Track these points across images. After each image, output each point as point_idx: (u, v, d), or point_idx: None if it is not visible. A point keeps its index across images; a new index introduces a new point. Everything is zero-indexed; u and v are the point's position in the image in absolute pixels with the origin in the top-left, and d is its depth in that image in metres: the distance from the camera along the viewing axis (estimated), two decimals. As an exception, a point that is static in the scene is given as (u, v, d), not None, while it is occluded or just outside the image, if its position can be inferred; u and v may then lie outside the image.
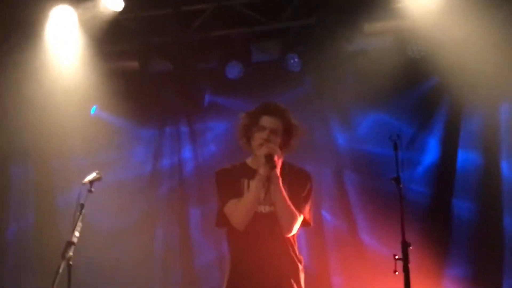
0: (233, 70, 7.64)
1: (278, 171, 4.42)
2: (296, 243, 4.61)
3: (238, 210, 4.46)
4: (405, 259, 4.53)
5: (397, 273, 4.56)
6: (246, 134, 4.65)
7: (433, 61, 7.04)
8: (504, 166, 7.27)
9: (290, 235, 4.50)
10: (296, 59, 7.48)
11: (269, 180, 4.46)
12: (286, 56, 7.53)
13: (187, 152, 8.25)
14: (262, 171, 4.42)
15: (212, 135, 8.21)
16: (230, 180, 4.55)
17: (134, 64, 7.82)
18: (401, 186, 4.77)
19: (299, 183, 4.61)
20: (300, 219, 4.52)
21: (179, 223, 8.09)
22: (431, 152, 7.50)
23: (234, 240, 4.57)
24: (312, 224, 4.68)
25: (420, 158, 7.46)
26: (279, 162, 4.43)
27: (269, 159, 4.39)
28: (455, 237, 7.29)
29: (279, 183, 4.43)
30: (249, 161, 4.70)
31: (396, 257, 4.56)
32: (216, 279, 7.60)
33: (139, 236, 8.02)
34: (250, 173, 4.54)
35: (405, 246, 4.57)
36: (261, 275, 4.43)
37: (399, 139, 4.92)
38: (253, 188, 4.44)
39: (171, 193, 8.19)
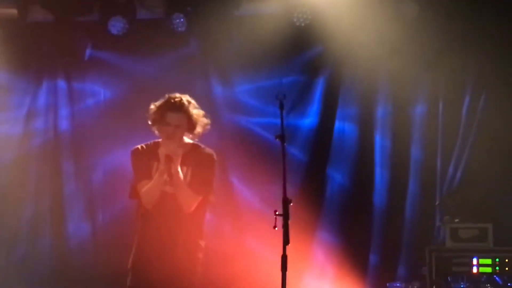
0: (116, 25, 7.49)
1: (178, 165, 4.81)
2: (202, 221, 5.00)
3: (146, 192, 4.87)
4: (286, 215, 4.57)
5: (276, 228, 4.61)
6: (155, 125, 4.96)
7: (318, 30, 7.15)
8: (377, 137, 7.51)
9: (189, 211, 4.87)
10: (182, 19, 7.42)
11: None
12: (172, 16, 7.44)
13: (63, 109, 7.99)
14: (162, 168, 4.81)
15: (91, 91, 7.99)
16: (142, 161, 4.92)
17: (12, 12, 7.51)
18: (285, 144, 4.82)
19: (204, 166, 4.95)
20: (198, 198, 4.88)
21: (51, 189, 7.88)
22: (311, 119, 7.63)
23: (142, 213, 4.95)
24: (214, 201, 5.04)
25: (300, 123, 7.57)
26: (178, 158, 4.80)
27: (168, 159, 4.80)
28: (327, 204, 7.53)
29: (177, 174, 4.84)
30: (162, 141, 4.98)
31: (277, 213, 4.61)
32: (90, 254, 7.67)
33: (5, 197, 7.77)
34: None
35: (286, 203, 4.62)
36: (162, 248, 4.86)
37: (285, 98, 4.96)
38: (156, 177, 4.85)
39: (44, 151, 7.95)
